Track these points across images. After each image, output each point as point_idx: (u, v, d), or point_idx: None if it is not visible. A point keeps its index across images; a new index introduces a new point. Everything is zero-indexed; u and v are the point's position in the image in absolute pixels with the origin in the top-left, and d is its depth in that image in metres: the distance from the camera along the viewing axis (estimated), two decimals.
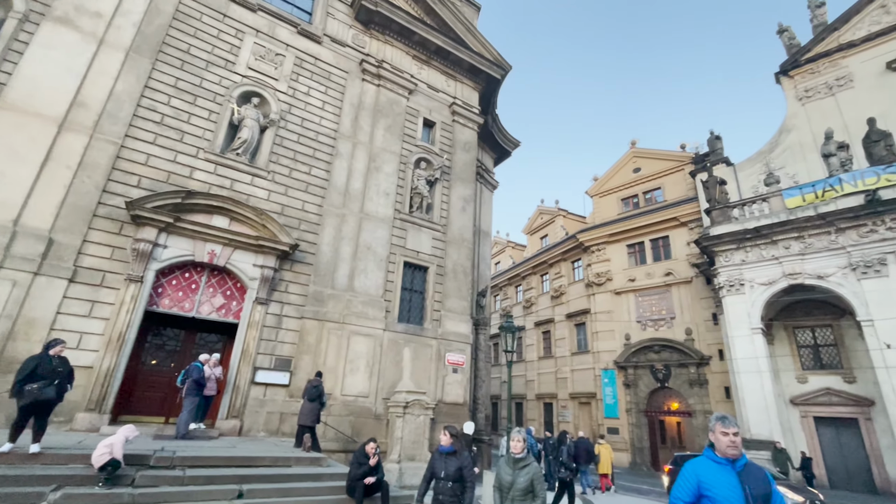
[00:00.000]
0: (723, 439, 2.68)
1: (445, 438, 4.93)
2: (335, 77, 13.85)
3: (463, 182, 15.45)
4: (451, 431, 4.95)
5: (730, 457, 2.65)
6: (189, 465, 6.42)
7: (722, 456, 2.68)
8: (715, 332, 20.21)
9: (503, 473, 4.08)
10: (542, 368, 29.12)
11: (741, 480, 2.57)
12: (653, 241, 24.18)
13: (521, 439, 4.15)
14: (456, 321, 13.70)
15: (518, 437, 4.16)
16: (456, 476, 4.74)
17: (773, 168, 19.59)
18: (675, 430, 21.97)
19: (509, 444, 4.20)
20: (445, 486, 4.74)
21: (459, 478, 4.75)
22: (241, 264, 10.73)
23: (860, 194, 14.88)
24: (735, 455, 2.64)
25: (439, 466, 4.87)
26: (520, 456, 4.08)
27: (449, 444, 4.91)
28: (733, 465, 2.64)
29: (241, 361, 10.33)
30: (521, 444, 4.12)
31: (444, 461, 4.84)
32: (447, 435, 4.93)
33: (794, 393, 17.15)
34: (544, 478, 13.43)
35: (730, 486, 2.55)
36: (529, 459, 4.06)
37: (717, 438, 2.73)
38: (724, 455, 2.67)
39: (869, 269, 14.47)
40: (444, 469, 4.78)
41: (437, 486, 4.83)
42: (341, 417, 11.02)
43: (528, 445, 4.06)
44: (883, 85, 18.11)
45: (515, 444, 4.11)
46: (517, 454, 4.07)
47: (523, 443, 4.14)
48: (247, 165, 11.49)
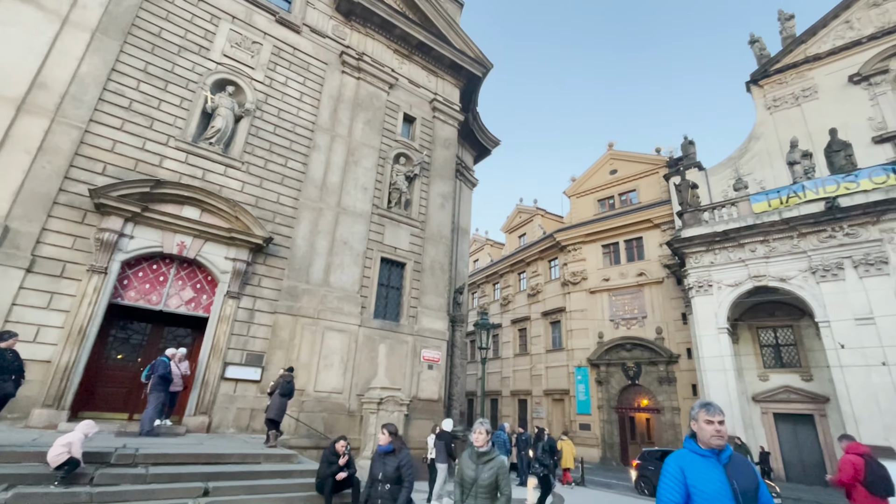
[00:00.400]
0: (707, 428, 2.46)
1: (384, 437, 4.68)
2: (314, 68, 13.60)
3: (442, 179, 15.43)
4: (390, 429, 4.72)
5: (715, 447, 2.43)
6: (152, 462, 6.23)
7: (706, 447, 2.46)
8: (684, 331, 20.84)
9: (465, 469, 3.78)
10: (518, 365, 29.47)
11: (728, 474, 2.37)
12: (627, 241, 24.73)
13: (484, 431, 3.82)
14: (432, 318, 13.70)
15: (481, 430, 3.83)
16: (394, 476, 4.49)
17: (742, 174, 20.28)
18: (645, 427, 22.60)
19: (471, 438, 3.87)
20: (382, 489, 4.44)
21: (398, 478, 4.50)
22: (212, 257, 10.44)
23: (821, 201, 15.55)
24: (720, 446, 2.43)
25: (377, 468, 4.58)
26: (483, 449, 3.78)
27: (387, 443, 4.65)
28: (718, 458, 2.43)
29: (211, 356, 10.08)
30: (484, 437, 3.81)
31: (383, 462, 4.58)
32: (385, 433, 4.69)
33: (756, 390, 17.88)
34: (516, 473, 13.66)
35: (716, 482, 2.34)
36: (494, 453, 3.78)
37: (701, 427, 2.49)
38: (709, 446, 2.45)
39: (827, 273, 15.16)
40: (381, 470, 4.52)
41: (372, 491, 4.51)
42: (314, 414, 10.89)
43: (492, 438, 3.84)
44: (845, 97, 18.96)
45: (478, 437, 3.81)
46: (480, 447, 3.78)
47: (486, 435, 3.83)
48: (220, 155, 11.18)
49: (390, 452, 4.60)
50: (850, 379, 13.96)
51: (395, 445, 4.61)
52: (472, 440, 3.79)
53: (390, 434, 4.67)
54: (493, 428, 22.65)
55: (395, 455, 4.58)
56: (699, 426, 2.51)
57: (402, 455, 4.60)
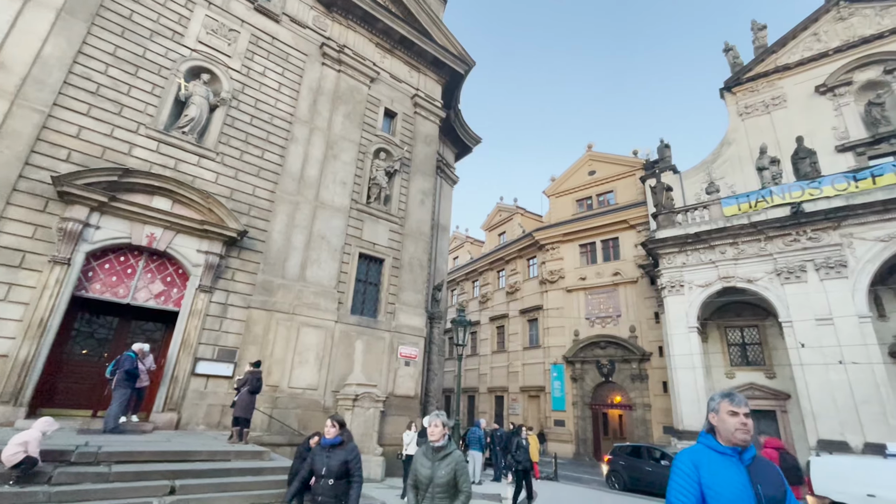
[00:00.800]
0: (730, 421, 2.12)
1: (332, 429, 4.27)
2: (293, 59, 13.34)
3: (423, 175, 15.38)
4: (337, 419, 4.37)
5: (739, 444, 2.10)
6: (116, 460, 6.03)
7: (727, 444, 2.13)
8: (656, 329, 21.40)
9: (420, 467, 3.44)
10: (495, 362, 29.71)
11: (751, 478, 2.03)
12: (604, 241, 25.20)
13: (440, 424, 3.48)
14: (410, 314, 13.67)
15: (436, 422, 3.48)
16: (340, 471, 4.06)
17: (714, 177, 20.90)
18: (617, 423, 23.14)
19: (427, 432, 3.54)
20: (326, 484, 4.03)
21: (344, 473, 4.09)
22: (183, 249, 10.15)
23: (787, 206, 16.18)
24: (746, 441, 2.09)
25: (320, 462, 4.13)
26: (439, 444, 3.45)
27: (335, 435, 4.26)
28: (741, 457, 2.09)
29: (181, 351, 9.81)
30: (440, 430, 3.46)
31: (327, 455, 4.15)
32: (334, 425, 4.31)
33: (723, 387, 18.50)
34: (485, 468, 13.77)
35: (737, 485, 1.99)
36: (451, 448, 3.47)
37: (723, 420, 2.15)
38: (732, 443, 2.11)
39: (791, 275, 15.80)
40: (325, 465, 4.08)
41: (315, 487, 4.12)
42: (288, 410, 10.74)
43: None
44: (811, 107, 19.74)
45: (433, 431, 3.45)
46: (436, 442, 3.44)
47: (442, 428, 3.49)
48: (193, 145, 10.86)
49: (337, 445, 4.21)
50: (810, 377, 14.61)
51: (344, 437, 4.24)
52: (428, 434, 3.48)
53: (338, 425, 4.28)
54: (469, 424, 22.61)
55: (343, 448, 4.18)
56: (720, 418, 2.17)
57: (350, 448, 4.22)
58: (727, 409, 2.16)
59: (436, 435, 3.47)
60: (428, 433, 3.49)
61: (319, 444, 4.32)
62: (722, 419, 2.17)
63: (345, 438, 4.25)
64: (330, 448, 4.20)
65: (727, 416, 2.15)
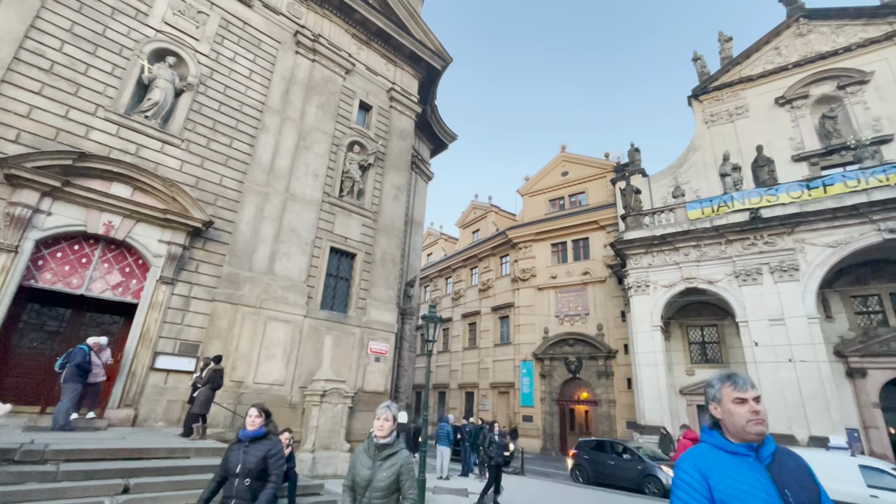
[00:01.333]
0: (739, 411, 1.69)
1: (256, 419, 3.64)
2: (266, 46, 12.96)
3: (397, 170, 15.27)
4: (262, 407, 3.72)
5: (753, 440, 1.66)
6: (65, 458, 5.74)
7: (739, 441, 1.69)
8: (622, 328, 22.04)
9: (359, 466, 2.99)
10: (467, 359, 29.92)
11: (775, 479, 1.59)
12: (574, 241, 25.72)
13: (391, 417, 3.02)
14: (382, 310, 13.58)
15: (386, 415, 3.01)
16: (258, 469, 3.49)
17: (680, 182, 21.65)
18: (584, 418, 23.75)
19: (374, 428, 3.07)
20: (242, 486, 3.43)
21: (262, 471, 3.52)
22: (144, 239, 9.73)
23: (746, 211, 16.95)
24: (761, 435, 1.65)
25: (235, 459, 3.53)
26: (385, 441, 2.98)
27: (257, 427, 3.63)
28: (757, 455, 1.66)
29: (140, 345, 9.42)
30: (389, 425, 3.00)
31: (244, 451, 3.54)
32: (258, 414, 3.66)
33: (683, 384, 19.28)
34: (457, 463, 13.88)
35: (759, 492, 1.55)
36: (398, 447, 3.01)
37: (729, 411, 1.72)
38: (744, 438, 1.67)
39: (748, 278, 16.58)
40: (241, 462, 3.49)
41: (228, 487, 3.49)
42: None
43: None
44: (771, 117, 20.71)
45: (381, 425, 2.99)
46: (381, 439, 2.98)
47: (392, 422, 3.02)
48: (157, 130, 10.40)
49: (260, 438, 3.58)
50: (762, 374, 15.40)
51: (269, 429, 3.64)
52: (374, 429, 3.03)
53: (263, 415, 3.66)
54: (438, 420, 22.69)
55: (265, 442, 3.59)
56: (725, 409, 1.74)
57: (273, 443, 3.63)
58: (732, 397, 1.72)
59: (384, 430, 2.99)
60: (375, 427, 3.02)
61: (237, 438, 3.64)
62: (728, 410, 1.72)
63: (269, 430, 3.66)
64: (250, 442, 3.57)
65: (733, 406, 1.70)
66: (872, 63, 18.82)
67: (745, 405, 1.69)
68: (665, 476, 11.63)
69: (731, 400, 1.72)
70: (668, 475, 11.62)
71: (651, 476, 11.93)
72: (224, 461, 3.60)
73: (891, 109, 18.03)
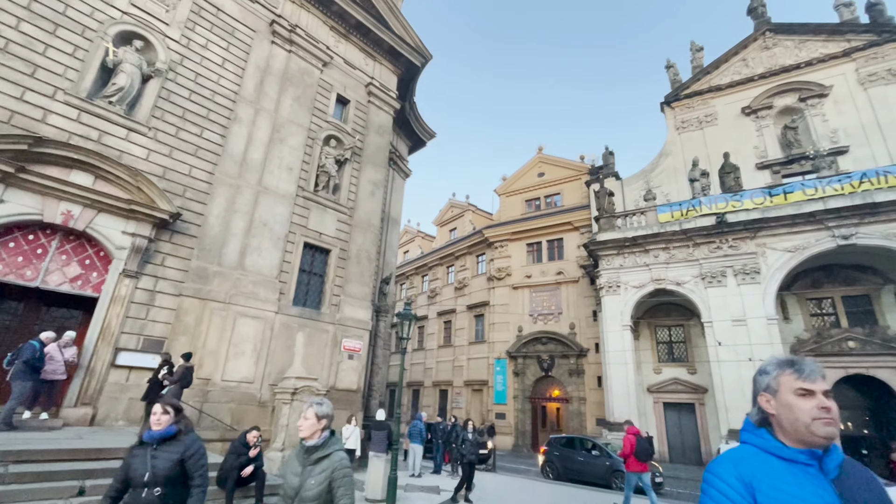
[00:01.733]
0: (803, 406, 1.30)
1: (163, 416, 2.99)
2: (240, 34, 12.58)
3: (374, 166, 15.11)
4: (171, 403, 3.09)
5: (819, 445, 1.28)
6: (14, 460, 5.43)
7: (799, 444, 1.30)
8: (594, 327, 22.52)
9: (289, 473, 2.61)
10: (441, 357, 29.97)
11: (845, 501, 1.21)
12: (549, 241, 26.12)
13: (312, 415, 2.59)
14: (356, 307, 13.43)
15: (307, 413, 2.60)
16: (171, 475, 2.85)
17: (652, 186, 22.27)
18: (555, 415, 24.17)
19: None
20: (150, 496, 2.79)
21: (177, 477, 2.89)
22: (106, 230, 9.30)
23: (713, 216, 17.59)
24: (831, 439, 1.28)
25: (140, 465, 2.83)
26: (312, 443, 2.57)
27: (167, 425, 2.98)
28: (821, 466, 1.27)
29: (100, 341, 9.01)
30: (310, 423, 2.57)
31: (152, 455, 2.87)
32: (167, 411, 3.02)
33: (651, 382, 19.88)
34: (425, 460, 13.87)
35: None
36: (330, 448, 2.58)
37: (789, 405, 1.33)
38: (808, 442, 1.28)
39: (714, 280, 17.22)
40: (149, 469, 2.81)
41: (134, 498, 2.82)
42: (220, 404, 10.20)
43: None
44: (738, 126, 21.55)
45: (302, 424, 2.58)
46: (308, 440, 2.58)
47: (317, 421, 2.58)
48: (122, 117, 9.95)
49: (169, 439, 2.96)
50: (725, 372, 16.04)
51: (181, 427, 3.04)
52: (299, 428, 2.62)
53: (173, 411, 3.04)
54: (411, 417, 22.56)
55: (178, 442, 2.97)
56: (782, 402, 1.34)
57: (190, 441, 3.02)
58: (794, 387, 1.33)
59: (305, 430, 2.56)
60: (299, 427, 2.61)
61: (139, 441, 2.96)
62: (786, 403, 1.33)
63: (182, 429, 3.04)
64: (158, 444, 2.93)
65: (796, 399, 1.32)
66: (831, 77, 19.83)
67: (812, 399, 1.30)
68: None
69: (793, 391, 1.33)
70: None
71: (618, 472, 12.25)
72: (123, 469, 2.88)
73: (847, 122, 19.04)
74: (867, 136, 18.43)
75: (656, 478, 12.15)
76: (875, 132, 18.34)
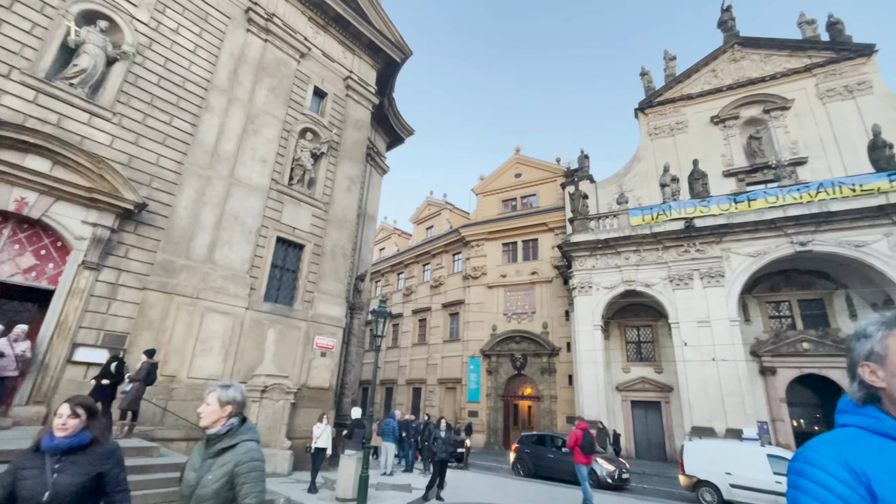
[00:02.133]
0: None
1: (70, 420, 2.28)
2: (214, 20, 12.16)
3: (351, 161, 14.90)
4: (82, 403, 2.36)
5: None
6: None
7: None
8: (566, 326, 22.94)
9: (188, 468, 2.22)
10: (416, 355, 29.90)
11: None
12: (525, 242, 26.43)
13: (217, 401, 2.19)
14: (330, 304, 13.22)
15: (209, 398, 2.20)
16: (86, 490, 2.24)
17: (625, 189, 22.85)
18: (527, 413, 24.49)
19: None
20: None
21: (94, 492, 2.29)
22: (64, 219, 8.83)
23: (682, 220, 18.20)
24: None
25: (35, 482, 2.16)
26: (214, 431, 2.17)
27: (74, 431, 2.29)
28: None
29: (56, 336, 8.55)
30: (212, 410, 2.18)
31: (55, 470, 2.21)
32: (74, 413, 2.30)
33: (620, 381, 20.41)
34: (396, 458, 13.78)
35: None
36: (237, 438, 2.18)
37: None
38: None
39: (681, 282, 17.82)
40: (49, 486, 2.16)
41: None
42: (186, 402, 9.85)
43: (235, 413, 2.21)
44: (707, 134, 22.36)
45: (206, 411, 2.19)
46: (210, 428, 2.18)
47: (219, 406, 2.19)
48: (84, 101, 9.45)
49: (80, 449, 2.28)
50: (690, 371, 16.63)
51: (96, 433, 2.36)
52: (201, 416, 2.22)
53: (85, 413, 2.34)
54: (385, 416, 22.42)
55: (92, 453, 2.31)
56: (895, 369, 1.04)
57: (109, 451, 2.40)
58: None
59: (206, 417, 2.18)
60: (201, 413, 2.22)
61: (34, 448, 2.27)
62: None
63: (97, 436, 2.36)
64: (63, 454, 2.25)
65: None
66: (794, 91, 20.81)
67: None
68: (600, 468, 12.24)
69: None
70: (604, 468, 12.26)
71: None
72: (9, 484, 2.17)
73: (807, 135, 20.04)
74: (824, 149, 19.46)
75: (623, 473, 12.47)
76: (832, 145, 19.37)
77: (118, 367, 8.05)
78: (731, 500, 10.35)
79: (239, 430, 2.23)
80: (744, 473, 10.29)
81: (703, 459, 11.06)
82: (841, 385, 16.48)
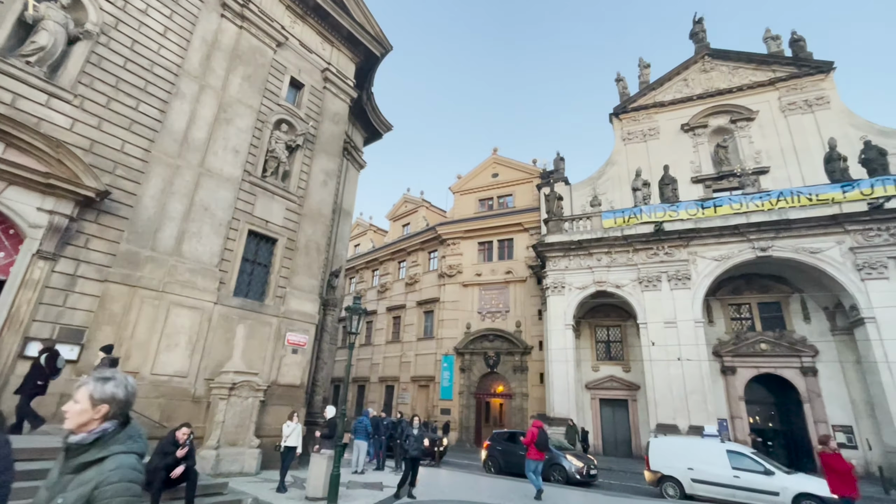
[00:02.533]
0: None
1: None
2: (185, 3, 11.68)
3: (328, 154, 14.64)
4: None
5: None
6: None
7: None
8: (539, 325, 23.30)
9: (43, 485, 1.69)
10: (389, 352, 29.73)
11: None
12: (500, 241, 26.67)
13: (87, 398, 1.67)
14: (302, 300, 12.96)
15: (80, 395, 1.69)
16: None
17: (598, 192, 23.36)
18: (498, 411, 24.75)
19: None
20: None
21: None
22: (17, 205, 8.31)
23: (652, 224, 18.75)
24: None
25: None
26: (77, 439, 1.65)
27: None
28: None
29: (6, 329, 8.04)
30: (84, 410, 1.67)
31: None
32: None
33: (589, 379, 20.89)
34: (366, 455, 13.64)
35: None
36: (108, 450, 1.65)
37: None
38: None
39: (650, 284, 18.37)
40: None
41: None
42: (149, 399, 9.45)
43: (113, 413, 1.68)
44: (677, 141, 23.11)
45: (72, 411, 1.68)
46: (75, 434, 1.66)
47: (90, 406, 1.67)
48: (41, 80, 8.91)
49: None
50: (656, 370, 17.18)
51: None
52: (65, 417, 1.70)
53: None
54: (358, 413, 22.13)
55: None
56: None
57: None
58: None
59: (71, 419, 1.67)
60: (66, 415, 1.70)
61: None
62: None
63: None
64: None
65: None
66: (758, 103, 21.76)
67: None
68: (569, 464, 12.51)
69: None
70: (572, 464, 12.53)
71: (557, 465, 12.75)
72: None
73: (769, 145, 20.99)
74: (785, 160, 20.44)
75: (591, 470, 12.77)
76: (792, 156, 20.36)
77: (48, 359, 7.65)
78: (693, 494, 10.78)
79: (113, 438, 1.67)
80: (704, 468, 10.73)
81: (666, 455, 11.46)
82: (794, 384, 17.39)
